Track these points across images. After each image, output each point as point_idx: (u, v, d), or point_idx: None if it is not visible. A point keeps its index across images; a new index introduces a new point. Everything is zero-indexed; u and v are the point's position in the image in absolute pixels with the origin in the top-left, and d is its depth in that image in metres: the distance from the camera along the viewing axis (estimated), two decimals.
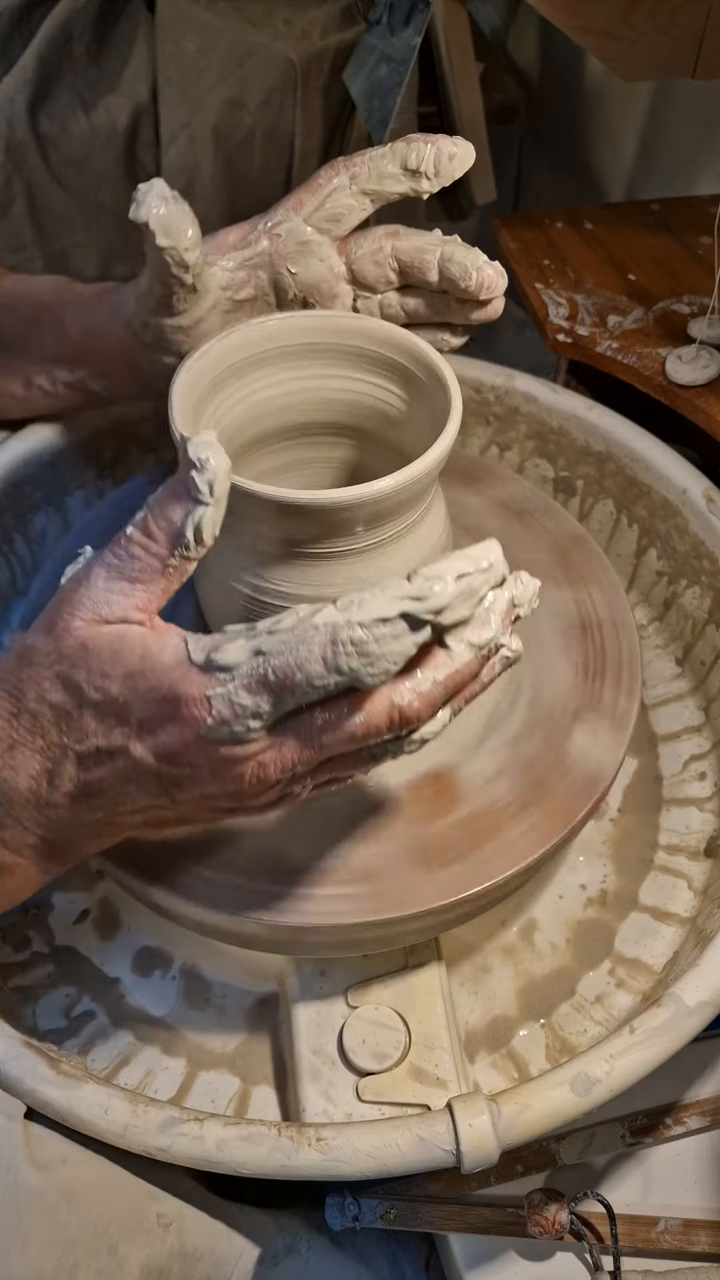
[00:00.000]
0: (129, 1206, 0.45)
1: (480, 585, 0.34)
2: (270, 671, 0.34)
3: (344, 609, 0.33)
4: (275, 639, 0.34)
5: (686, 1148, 0.53)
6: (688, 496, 0.64)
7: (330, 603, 0.34)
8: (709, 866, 0.59)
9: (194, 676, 0.36)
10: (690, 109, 0.87)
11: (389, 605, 0.33)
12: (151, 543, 0.37)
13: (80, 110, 0.85)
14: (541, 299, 0.73)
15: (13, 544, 0.69)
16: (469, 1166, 0.42)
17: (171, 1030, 0.54)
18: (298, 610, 0.34)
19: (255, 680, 0.34)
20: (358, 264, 0.53)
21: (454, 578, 0.33)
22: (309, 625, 0.34)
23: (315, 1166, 0.42)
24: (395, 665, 0.34)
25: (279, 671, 0.34)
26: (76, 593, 0.38)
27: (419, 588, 0.33)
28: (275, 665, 0.34)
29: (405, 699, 0.35)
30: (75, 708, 0.38)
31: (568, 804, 0.50)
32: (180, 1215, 0.47)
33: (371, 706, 0.35)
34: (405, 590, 0.33)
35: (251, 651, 0.34)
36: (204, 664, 0.35)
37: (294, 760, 0.36)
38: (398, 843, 0.49)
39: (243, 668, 0.34)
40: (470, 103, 0.92)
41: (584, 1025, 0.54)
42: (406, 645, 0.33)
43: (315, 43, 0.87)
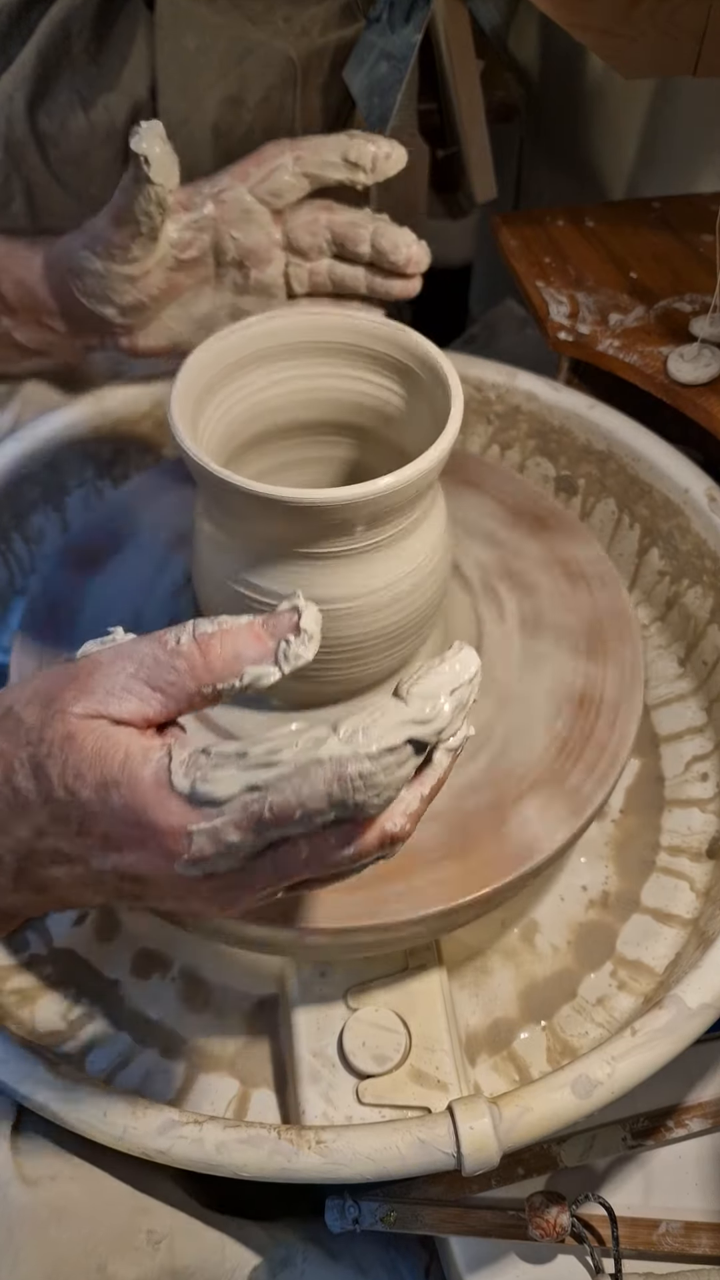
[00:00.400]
0: (119, 1223, 0.44)
1: (469, 698, 0.33)
2: (267, 809, 0.31)
3: (349, 740, 0.31)
4: (273, 773, 0.31)
5: (688, 1150, 0.53)
6: (690, 496, 0.64)
7: (330, 728, 0.31)
8: (711, 868, 0.58)
9: (174, 806, 0.32)
10: (691, 107, 0.87)
11: (395, 733, 0.31)
12: (201, 665, 0.33)
13: (79, 108, 0.85)
14: (543, 297, 0.73)
15: (11, 543, 0.69)
16: (470, 1169, 0.42)
17: (171, 1033, 0.54)
18: (295, 737, 0.31)
19: (247, 818, 0.31)
20: (294, 232, 0.57)
21: (449, 694, 0.32)
22: (313, 759, 0.31)
23: (315, 1169, 0.42)
24: (398, 792, 0.33)
25: (276, 809, 0.31)
26: (93, 677, 0.34)
27: (421, 711, 0.32)
28: (274, 803, 0.31)
29: (398, 824, 0.33)
30: (39, 800, 0.34)
31: (485, 870, 0.48)
32: (171, 1232, 0.46)
33: (365, 837, 0.33)
34: (409, 714, 0.32)
35: (245, 786, 0.31)
36: (189, 794, 0.32)
37: (269, 888, 0.34)
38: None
39: (234, 803, 0.31)
40: (471, 100, 0.91)
41: (585, 1027, 0.54)
42: (410, 770, 0.32)
43: (315, 40, 0.86)
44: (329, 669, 0.49)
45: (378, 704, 0.32)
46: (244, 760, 0.31)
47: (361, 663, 0.49)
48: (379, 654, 0.49)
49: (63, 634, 0.56)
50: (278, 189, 0.56)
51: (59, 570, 0.60)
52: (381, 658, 0.49)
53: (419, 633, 0.50)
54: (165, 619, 0.57)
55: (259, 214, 0.56)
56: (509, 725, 0.53)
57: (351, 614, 0.47)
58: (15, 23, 0.84)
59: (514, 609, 0.58)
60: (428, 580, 0.49)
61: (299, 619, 0.34)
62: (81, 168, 0.87)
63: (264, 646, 0.33)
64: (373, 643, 0.48)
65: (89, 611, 0.57)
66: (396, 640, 0.49)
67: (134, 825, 0.32)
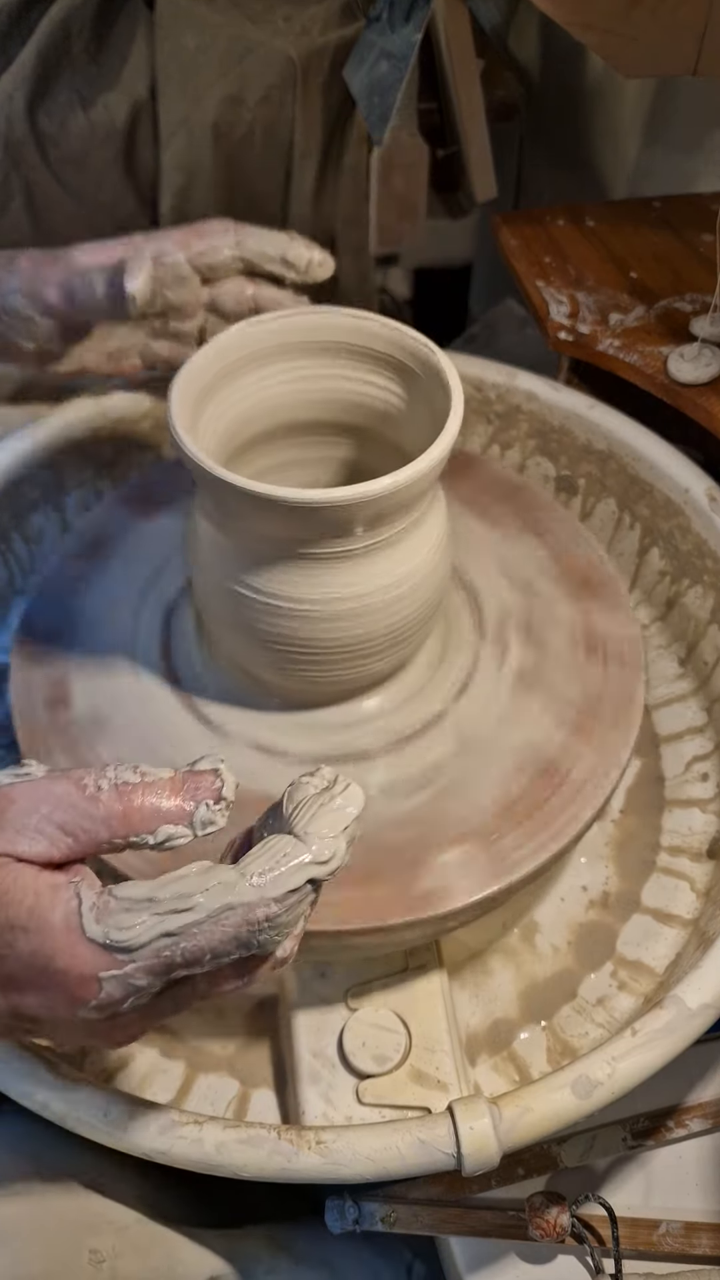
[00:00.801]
0: (60, 1245, 0.43)
1: (358, 833, 0.35)
2: (180, 954, 0.32)
3: (258, 887, 0.32)
4: (187, 919, 0.32)
5: (688, 1150, 0.53)
6: (690, 495, 0.64)
7: (237, 872, 0.33)
8: (711, 868, 0.58)
9: (85, 953, 0.32)
10: (692, 106, 0.87)
11: (298, 875, 0.33)
12: (119, 816, 0.33)
13: (79, 107, 0.85)
14: (543, 297, 0.73)
15: (11, 543, 0.69)
16: (470, 1169, 0.42)
17: (170, 1032, 0.54)
18: (203, 879, 0.32)
19: (160, 963, 0.32)
20: (221, 298, 0.61)
21: (342, 832, 0.34)
22: (224, 905, 0.32)
23: (315, 1169, 0.42)
24: (298, 926, 0.34)
25: (189, 954, 0.32)
26: (5, 814, 0.34)
27: (321, 853, 0.33)
28: (187, 949, 0.32)
29: (287, 949, 0.35)
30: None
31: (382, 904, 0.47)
32: (115, 1251, 0.44)
33: (260, 969, 0.35)
34: (309, 856, 0.33)
35: (160, 933, 0.32)
36: (103, 942, 0.32)
37: (163, 1017, 0.35)
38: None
39: (148, 949, 0.32)
40: (471, 99, 0.91)
41: (585, 1027, 0.54)
42: (307, 906, 0.34)
43: (315, 39, 0.86)
44: (329, 669, 0.49)
45: (277, 845, 0.33)
46: (155, 905, 0.32)
47: (361, 663, 0.49)
48: (379, 654, 0.49)
49: (62, 635, 0.56)
50: (214, 265, 0.59)
51: (58, 571, 0.60)
52: (381, 658, 0.49)
53: (418, 633, 0.50)
54: (163, 620, 0.56)
55: (192, 280, 0.59)
56: (461, 770, 0.51)
57: (351, 614, 0.47)
58: (15, 22, 0.84)
59: (515, 662, 0.55)
60: (427, 581, 0.49)
61: (221, 787, 0.34)
62: (81, 167, 0.87)
63: (182, 808, 0.34)
64: (372, 643, 0.48)
65: (88, 612, 0.57)
66: (396, 640, 0.49)
67: (41, 971, 0.32)
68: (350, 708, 0.52)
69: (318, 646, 0.47)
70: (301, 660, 0.48)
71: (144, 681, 0.54)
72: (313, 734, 0.52)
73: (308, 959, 0.53)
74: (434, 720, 0.53)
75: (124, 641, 0.56)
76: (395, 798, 0.50)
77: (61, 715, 0.53)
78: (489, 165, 0.95)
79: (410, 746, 0.52)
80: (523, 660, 0.56)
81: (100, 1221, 0.45)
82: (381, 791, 0.50)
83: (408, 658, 0.52)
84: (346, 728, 0.52)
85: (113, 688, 0.54)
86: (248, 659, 0.51)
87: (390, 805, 0.50)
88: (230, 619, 0.49)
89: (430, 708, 0.53)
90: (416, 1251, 0.52)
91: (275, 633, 0.47)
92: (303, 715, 0.52)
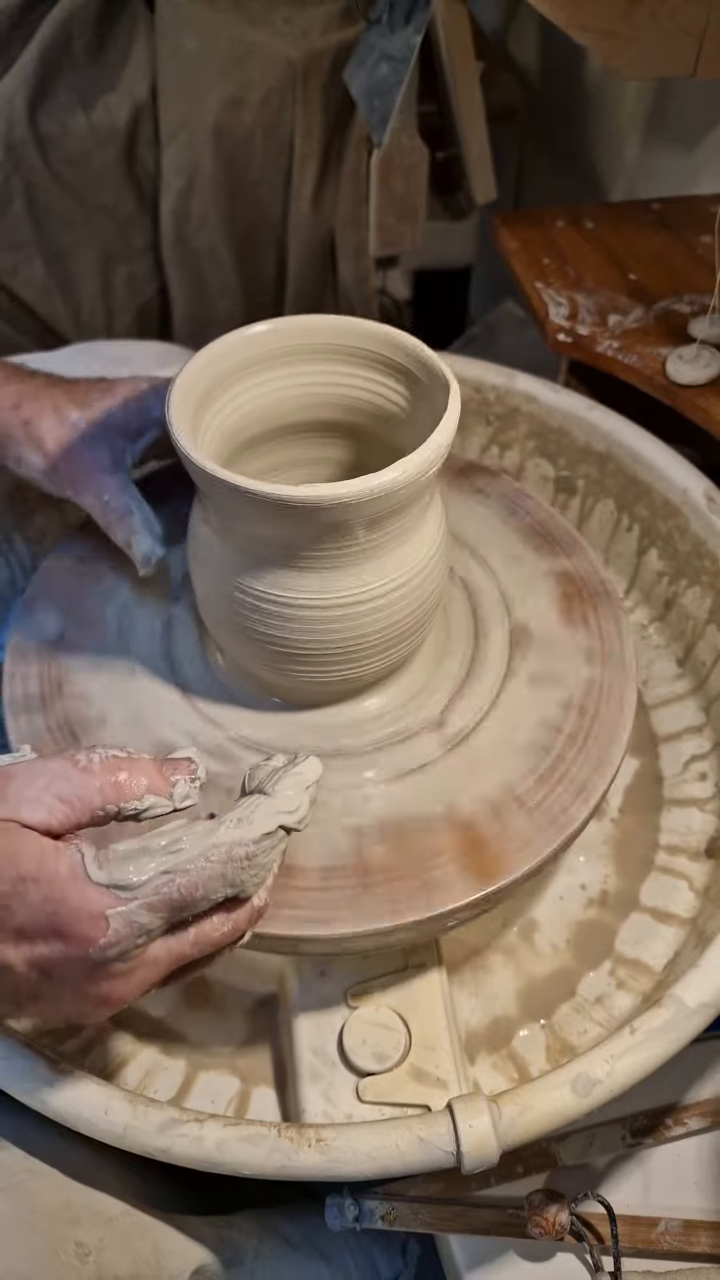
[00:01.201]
0: (44, 1239, 0.43)
1: (316, 794, 0.40)
2: (177, 890, 0.35)
3: (236, 829, 0.37)
4: (180, 858, 0.36)
5: (687, 1149, 0.53)
6: (688, 496, 0.64)
7: (217, 818, 0.37)
8: (710, 867, 0.59)
9: (92, 894, 0.35)
10: (691, 108, 0.87)
11: (270, 820, 0.37)
12: (110, 786, 0.37)
13: (80, 109, 0.85)
14: (542, 298, 0.73)
15: (13, 543, 0.69)
16: (469, 1167, 0.42)
17: (171, 1031, 0.54)
18: (188, 828, 0.37)
19: (160, 899, 0.35)
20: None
21: (305, 789, 0.39)
22: (210, 844, 0.36)
23: (315, 1167, 0.42)
24: (272, 871, 0.39)
25: (185, 889, 0.35)
26: (8, 787, 0.37)
27: (289, 803, 0.38)
28: (182, 884, 0.35)
29: (263, 899, 0.39)
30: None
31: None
32: (102, 1244, 0.45)
33: (240, 913, 0.38)
34: (278, 806, 0.38)
35: (157, 870, 0.35)
36: (107, 882, 0.35)
37: (156, 977, 0.37)
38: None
39: (147, 886, 0.35)
40: (470, 101, 0.91)
41: (584, 1026, 0.54)
42: (280, 853, 0.39)
43: (315, 41, 0.86)
44: (328, 669, 0.49)
45: (249, 802, 0.38)
46: (149, 851, 0.36)
47: (361, 663, 0.49)
48: (378, 654, 0.49)
49: (62, 634, 0.57)
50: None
51: (58, 570, 0.60)
52: (381, 658, 0.50)
53: (418, 633, 0.51)
54: (163, 620, 0.57)
55: None
56: (462, 769, 0.51)
57: (351, 615, 0.47)
58: (16, 24, 0.84)
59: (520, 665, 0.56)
60: (426, 581, 0.49)
61: (196, 769, 0.39)
62: (82, 169, 0.87)
63: (163, 782, 0.38)
64: (372, 643, 0.48)
65: (88, 612, 0.58)
66: (396, 640, 0.49)
67: (52, 915, 0.35)
68: (351, 707, 0.52)
69: (317, 646, 0.48)
70: (301, 660, 0.48)
71: (143, 681, 0.54)
72: (313, 734, 0.52)
73: (308, 958, 0.53)
74: (435, 719, 0.53)
75: (124, 641, 0.56)
76: (396, 796, 0.50)
77: (61, 715, 0.53)
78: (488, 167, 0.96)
79: (411, 745, 0.52)
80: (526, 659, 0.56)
81: (86, 1213, 0.45)
82: (382, 790, 0.50)
83: (407, 657, 0.52)
84: (347, 727, 0.52)
85: (112, 687, 0.54)
86: (248, 659, 0.51)
87: (391, 804, 0.50)
88: (230, 620, 0.49)
89: (430, 707, 0.53)
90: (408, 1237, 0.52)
91: (275, 633, 0.47)
92: (303, 715, 0.52)
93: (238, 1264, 0.49)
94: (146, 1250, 0.46)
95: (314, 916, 0.46)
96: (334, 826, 0.49)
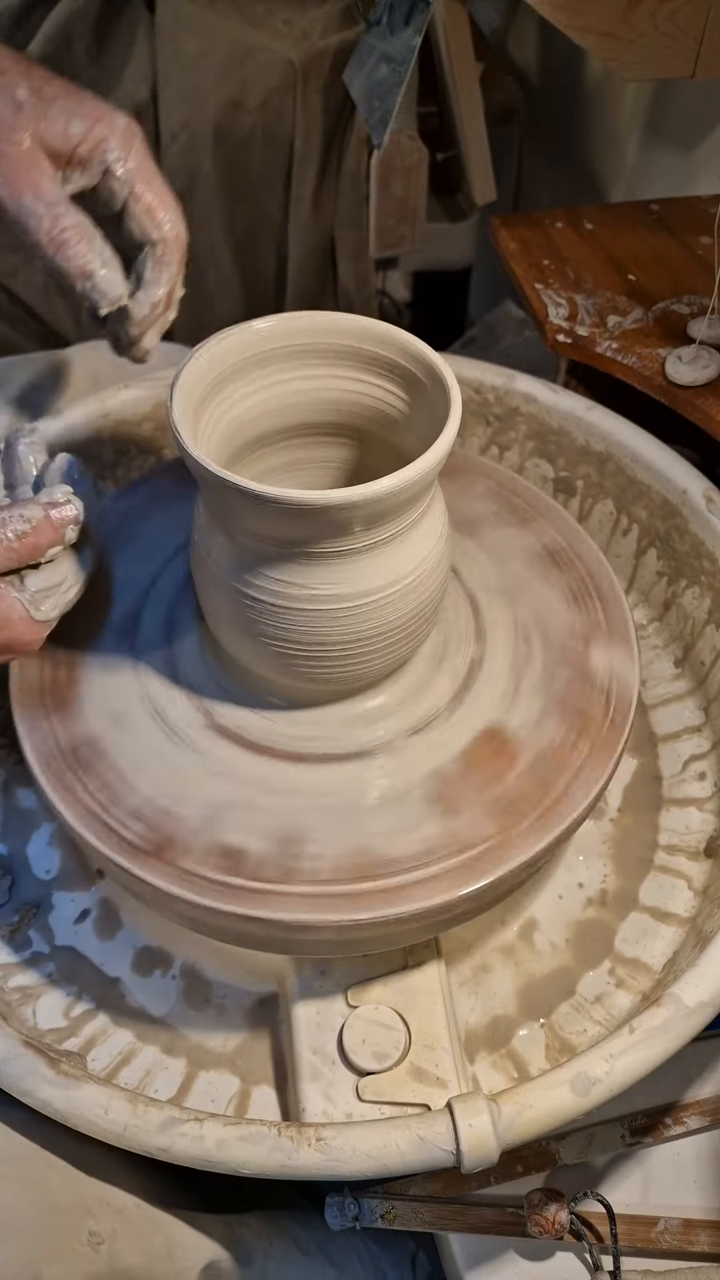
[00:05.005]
0: (59, 1227, 0.44)
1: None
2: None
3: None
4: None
5: (686, 1148, 0.53)
6: (687, 497, 0.64)
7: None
8: (709, 867, 0.59)
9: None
10: (690, 109, 0.87)
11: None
12: (28, 547, 0.48)
13: None
14: (541, 299, 0.73)
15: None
16: (469, 1166, 0.42)
17: (171, 1030, 0.54)
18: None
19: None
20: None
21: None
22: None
23: (315, 1166, 0.42)
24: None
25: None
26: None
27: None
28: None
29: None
30: None
31: (612, 732, 0.52)
32: (114, 1233, 0.45)
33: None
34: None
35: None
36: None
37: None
38: (475, 808, 0.49)
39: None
40: (470, 103, 0.92)
41: (584, 1025, 0.54)
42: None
43: (315, 43, 0.87)
44: (330, 668, 0.49)
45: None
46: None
47: (363, 661, 0.49)
48: (379, 653, 0.49)
49: (64, 633, 0.57)
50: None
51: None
52: (381, 657, 0.50)
53: (418, 632, 0.51)
54: (165, 621, 0.57)
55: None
56: (462, 768, 0.52)
57: (351, 613, 0.47)
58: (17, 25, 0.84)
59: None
60: (427, 579, 0.49)
61: (75, 513, 0.49)
62: None
63: (56, 534, 0.49)
64: (373, 642, 0.48)
65: (91, 612, 0.58)
66: (396, 640, 0.49)
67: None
68: (352, 706, 0.52)
69: (319, 645, 0.48)
70: (303, 659, 0.48)
71: (146, 680, 0.54)
72: (315, 733, 0.52)
73: (309, 957, 0.53)
74: (436, 718, 0.53)
75: (127, 641, 0.56)
76: (397, 795, 0.50)
77: (62, 714, 0.53)
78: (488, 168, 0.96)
79: (413, 744, 0.52)
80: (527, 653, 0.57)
81: (99, 1205, 0.45)
82: (384, 789, 0.50)
83: (409, 655, 0.53)
84: (349, 726, 0.52)
85: (115, 686, 0.54)
86: (249, 658, 0.51)
87: (392, 803, 0.50)
88: (232, 618, 0.49)
89: (433, 705, 0.53)
90: (420, 1242, 0.52)
91: (277, 632, 0.47)
92: (305, 714, 0.52)
93: (248, 1263, 0.49)
94: (159, 1243, 0.47)
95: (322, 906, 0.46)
96: (337, 826, 0.49)
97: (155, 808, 0.49)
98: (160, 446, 0.73)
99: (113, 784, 0.50)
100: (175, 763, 0.51)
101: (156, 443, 0.73)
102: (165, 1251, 0.47)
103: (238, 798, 0.50)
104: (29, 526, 0.48)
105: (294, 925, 0.46)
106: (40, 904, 0.59)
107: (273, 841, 0.48)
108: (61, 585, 0.50)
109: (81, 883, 0.59)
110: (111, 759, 0.51)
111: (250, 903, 0.46)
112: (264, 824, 0.49)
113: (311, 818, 0.49)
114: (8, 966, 0.57)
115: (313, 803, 0.50)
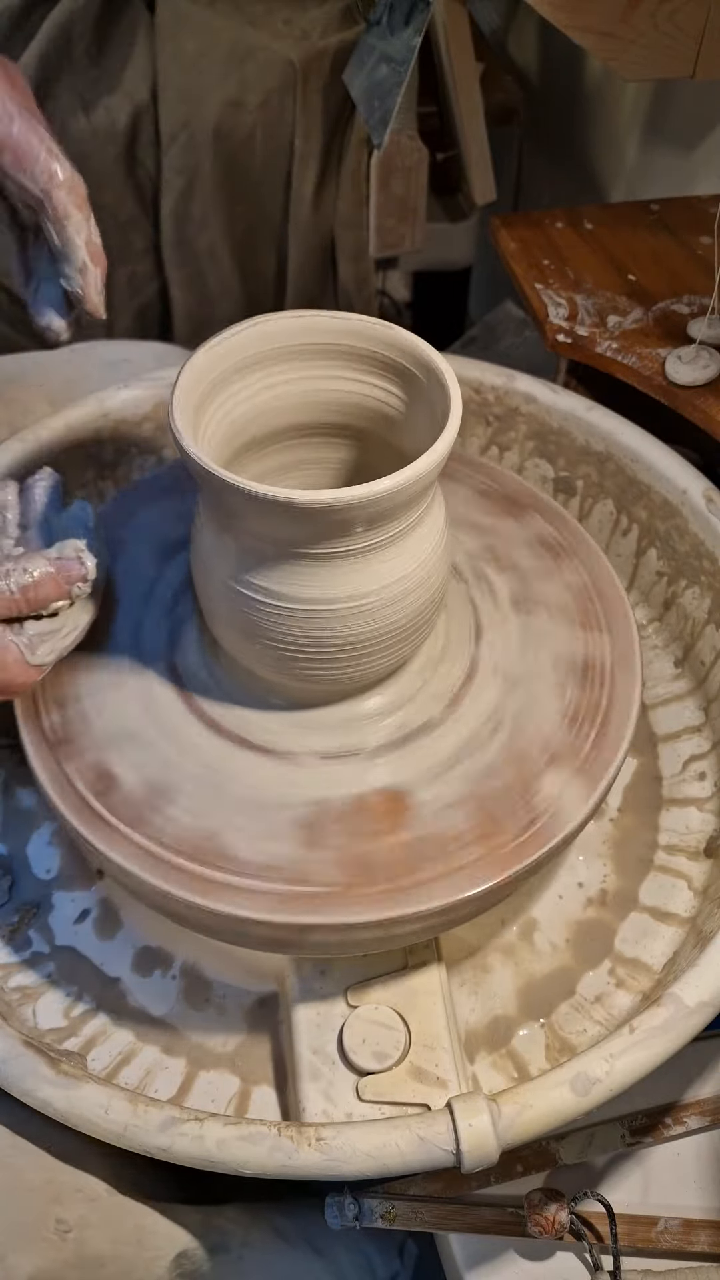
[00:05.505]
0: (26, 1214, 0.44)
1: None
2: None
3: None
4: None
5: (686, 1147, 0.53)
6: (687, 496, 0.64)
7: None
8: (709, 867, 0.59)
9: None
10: (690, 109, 0.87)
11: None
12: (23, 602, 0.47)
13: (80, 110, 0.86)
14: (541, 299, 0.73)
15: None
16: (469, 1166, 0.42)
17: (172, 1030, 0.54)
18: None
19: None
20: None
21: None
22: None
23: (315, 1166, 0.42)
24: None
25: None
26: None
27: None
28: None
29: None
30: None
31: (513, 855, 0.48)
32: (84, 1222, 0.45)
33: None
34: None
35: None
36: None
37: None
38: (331, 852, 0.48)
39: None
40: (470, 103, 0.92)
41: (584, 1025, 0.54)
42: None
43: (315, 43, 0.87)
44: (331, 668, 0.49)
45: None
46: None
47: (362, 662, 0.49)
48: (380, 653, 0.49)
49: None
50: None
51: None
52: (382, 657, 0.50)
53: (419, 632, 0.51)
54: (166, 622, 0.57)
55: None
56: (462, 767, 0.51)
57: (352, 614, 0.47)
58: (17, 25, 0.84)
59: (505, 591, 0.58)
60: (428, 579, 0.49)
61: (85, 571, 0.49)
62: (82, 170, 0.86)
63: (62, 590, 0.48)
64: (373, 642, 0.48)
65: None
66: (397, 640, 0.49)
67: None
68: (353, 706, 0.52)
69: (319, 645, 0.48)
70: (303, 659, 0.48)
71: (147, 681, 0.54)
72: (316, 733, 0.52)
73: (309, 957, 0.53)
74: (436, 719, 0.53)
75: (128, 642, 0.56)
76: (398, 795, 0.50)
77: (64, 715, 0.53)
78: (488, 168, 0.96)
79: (413, 745, 0.52)
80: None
81: (69, 1192, 0.45)
82: (384, 789, 0.50)
83: (409, 656, 0.53)
84: (350, 726, 0.52)
85: (116, 687, 0.54)
86: (250, 659, 0.51)
87: (273, 808, 0.50)
88: (232, 619, 0.49)
89: (432, 706, 0.53)
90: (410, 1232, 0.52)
91: (277, 632, 0.47)
92: (306, 714, 0.52)
93: (224, 1251, 0.49)
94: (129, 1230, 0.47)
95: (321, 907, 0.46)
96: (281, 823, 0.49)
97: (142, 793, 0.50)
98: (160, 446, 0.73)
99: (106, 775, 0.51)
100: (174, 764, 0.51)
101: (156, 443, 0.73)
102: (135, 1238, 0.47)
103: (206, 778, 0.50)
104: (31, 579, 0.47)
105: (295, 926, 0.46)
106: (40, 904, 0.59)
107: (148, 791, 0.50)
108: (60, 631, 0.50)
109: (81, 882, 0.59)
110: (109, 756, 0.51)
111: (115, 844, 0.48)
112: (191, 794, 0.50)
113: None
114: (8, 966, 0.57)
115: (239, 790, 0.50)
